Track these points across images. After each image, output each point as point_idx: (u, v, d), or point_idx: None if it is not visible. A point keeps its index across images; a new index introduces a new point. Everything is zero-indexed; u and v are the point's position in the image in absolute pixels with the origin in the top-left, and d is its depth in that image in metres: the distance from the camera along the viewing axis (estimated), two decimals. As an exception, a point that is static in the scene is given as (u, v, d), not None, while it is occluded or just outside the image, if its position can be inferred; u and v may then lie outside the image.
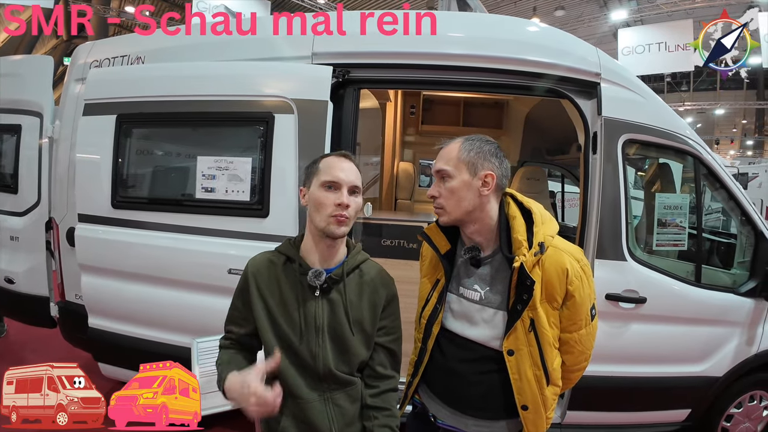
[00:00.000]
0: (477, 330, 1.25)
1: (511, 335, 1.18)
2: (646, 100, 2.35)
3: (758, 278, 2.41)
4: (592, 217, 2.27)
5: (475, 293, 1.26)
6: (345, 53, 2.33)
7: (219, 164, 2.24)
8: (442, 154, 1.26)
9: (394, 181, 4.93)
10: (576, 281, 1.19)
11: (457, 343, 1.27)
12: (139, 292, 2.37)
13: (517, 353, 1.19)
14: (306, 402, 1.18)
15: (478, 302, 1.25)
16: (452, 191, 1.22)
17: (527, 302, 1.16)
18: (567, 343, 1.25)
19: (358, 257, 1.27)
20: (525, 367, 1.19)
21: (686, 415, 2.46)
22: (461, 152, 1.23)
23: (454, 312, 1.29)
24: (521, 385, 1.19)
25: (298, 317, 1.18)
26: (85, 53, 2.78)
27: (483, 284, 1.25)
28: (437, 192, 1.25)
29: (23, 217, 2.89)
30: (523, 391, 1.20)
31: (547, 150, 4.72)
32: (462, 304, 1.28)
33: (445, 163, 1.23)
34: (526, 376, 1.19)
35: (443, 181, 1.24)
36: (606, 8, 15.19)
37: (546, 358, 1.20)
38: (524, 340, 1.18)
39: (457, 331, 1.27)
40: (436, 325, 1.29)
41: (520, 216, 1.23)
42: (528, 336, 1.18)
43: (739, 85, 20.85)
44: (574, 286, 1.18)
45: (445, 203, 1.23)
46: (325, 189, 1.17)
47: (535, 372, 1.20)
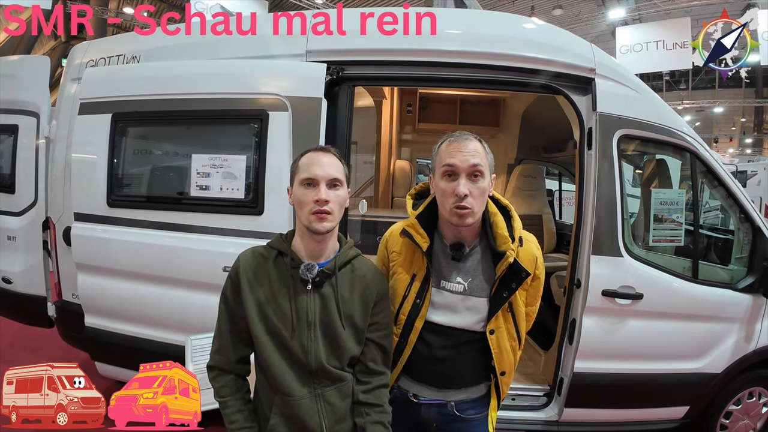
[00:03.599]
0: (460, 317, 1.31)
1: (493, 319, 1.29)
2: (641, 95, 2.35)
3: (756, 274, 2.40)
4: (587, 212, 2.27)
5: (458, 285, 1.30)
6: (339, 50, 2.32)
7: (214, 162, 2.24)
8: (469, 149, 1.21)
9: (390, 179, 4.93)
10: (541, 266, 1.35)
11: (439, 332, 1.32)
12: (134, 290, 2.37)
13: (497, 331, 1.31)
14: (296, 399, 1.17)
15: (462, 293, 1.30)
16: (483, 192, 1.22)
17: (515, 290, 1.28)
18: (528, 315, 1.40)
19: (350, 252, 1.27)
20: (504, 342, 1.32)
21: (684, 412, 2.46)
22: (487, 152, 1.24)
23: (435, 304, 1.32)
24: (501, 356, 1.33)
25: (290, 311, 1.17)
26: (81, 53, 2.79)
27: (465, 276, 1.30)
28: (468, 190, 1.19)
29: (20, 217, 2.89)
30: (503, 361, 1.33)
31: (544, 148, 4.72)
32: (444, 296, 1.31)
33: (480, 159, 1.20)
34: (506, 348, 1.33)
35: (474, 179, 1.20)
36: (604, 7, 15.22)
37: (520, 329, 1.35)
38: (503, 320, 1.31)
39: (439, 321, 1.32)
40: (419, 319, 1.31)
41: (499, 213, 1.30)
42: (506, 316, 1.31)
43: (737, 84, 20.84)
44: (539, 270, 1.34)
45: (475, 204, 1.20)
46: (304, 187, 1.17)
47: (512, 343, 1.34)
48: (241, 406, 1.23)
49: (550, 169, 5.09)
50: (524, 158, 4.72)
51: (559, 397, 2.39)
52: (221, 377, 1.24)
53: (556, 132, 4.02)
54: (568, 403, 2.34)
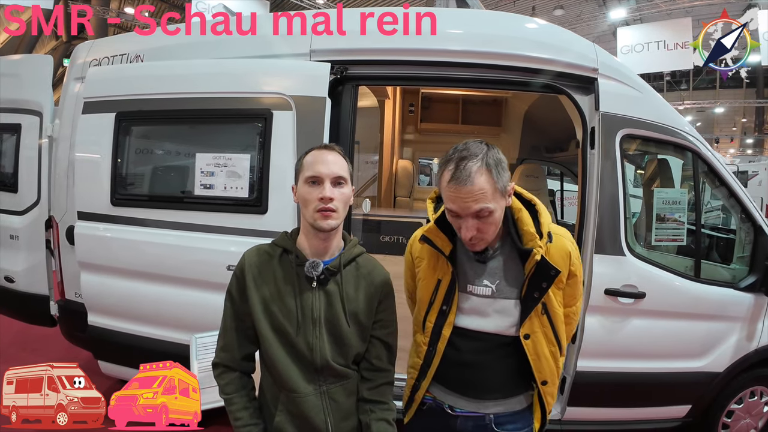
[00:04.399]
0: (490, 321, 1.24)
1: (527, 322, 1.21)
2: (644, 95, 2.35)
3: (758, 273, 2.41)
4: (590, 211, 2.27)
5: (486, 288, 1.24)
6: (343, 50, 2.33)
7: (218, 161, 2.24)
8: (472, 193, 1.10)
9: (393, 179, 4.93)
10: (576, 261, 1.25)
11: (469, 336, 1.26)
12: (138, 289, 2.37)
13: (533, 336, 1.22)
14: (301, 396, 1.17)
15: (490, 296, 1.23)
16: (495, 223, 1.16)
17: (546, 290, 1.19)
18: (568, 316, 1.30)
19: (354, 250, 1.27)
20: (542, 347, 1.23)
21: (687, 410, 2.46)
22: (496, 182, 1.13)
23: (463, 309, 1.26)
24: (540, 363, 1.23)
25: (295, 308, 1.18)
26: (84, 52, 2.79)
27: (493, 278, 1.24)
28: (476, 229, 1.14)
29: (23, 216, 2.89)
30: (542, 368, 1.24)
31: (546, 147, 4.72)
32: (471, 301, 1.25)
33: (486, 199, 1.11)
34: (544, 354, 1.23)
35: (483, 217, 1.13)
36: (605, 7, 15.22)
37: (559, 334, 1.25)
38: (538, 323, 1.22)
39: (469, 326, 1.25)
40: (446, 327, 1.26)
41: (524, 208, 1.22)
42: (541, 318, 1.22)
43: (738, 84, 20.84)
44: (575, 266, 1.25)
45: (486, 235, 1.16)
46: (309, 185, 1.17)
47: (551, 349, 1.24)
48: (246, 404, 1.23)
49: (551, 169, 5.09)
50: (526, 158, 4.72)
51: (561, 395, 2.39)
52: (226, 374, 1.25)
53: (558, 132, 4.03)
54: (570, 402, 2.34)
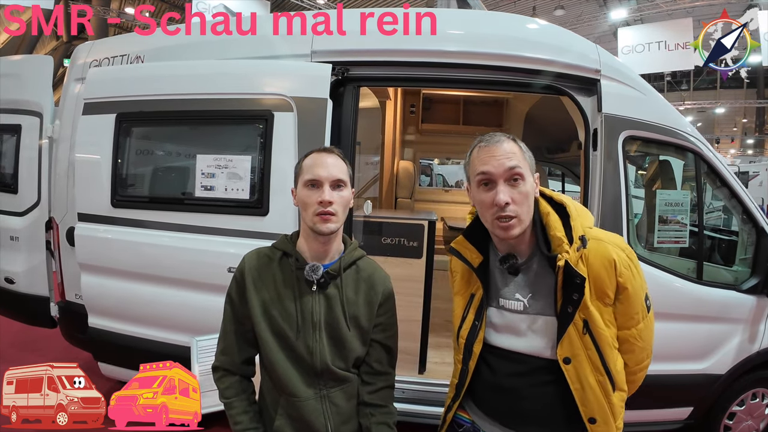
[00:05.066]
0: (525, 341, 1.12)
1: (564, 341, 1.06)
2: (646, 96, 2.35)
3: (760, 275, 2.40)
4: (592, 213, 2.26)
5: (518, 303, 1.13)
6: (344, 51, 2.33)
7: (218, 162, 2.24)
8: (503, 151, 1.06)
9: (394, 180, 4.93)
10: (626, 271, 1.07)
11: (504, 357, 1.14)
12: (138, 291, 2.37)
13: (574, 360, 1.06)
14: (301, 400, 1.17)
15: (523, 311, 1.12)
16: (527, 195, 1.06)
17: (578, 302, 1.05)
18: (626, 341, 1.13)
19: (354, 253, 1.26)
20: (586, 373, 1.06)
21: (688, 413, 2.45)
22: (523, 152, 1.08)
23: (496, 326, 1.16)
24: (584, 394, 1.06)
25: (295, 312, 1.17)
26: (84, 53, 2.79)
27: (525, 292, 1.12)
28: (510, 198, 1.04)
29: (23, 217, 2.89)
30: (588, 402, 1.07)
31: (548, 148, 4.71)
32: (504, 317, 1.14)
33: (518, 160, 1.06)
34: (589, 383, 1.06)
35: (515, 183, 1.06)
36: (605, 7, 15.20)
37: (607, 360, 1.07)
38: (580, 345, 1.06)
39: (503, 345, 1.14)
40: (477, 344, 1.16)
41: (553, 212, 1.11)
42: (583, 339, 1.06)
43: (739, 84, 20.84)
44: (624, 277, 1.07)
45: (520, 210, 1.05)
46: (308, 188, 1.16)
47: (598, 378, 1.07)
48: (246, 407, 1.23)
49: (552, 170, 5.09)
50: (527, 159, 4.70)
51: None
52: (226, 378, 1.24)
53: (560, 133, 4.02)
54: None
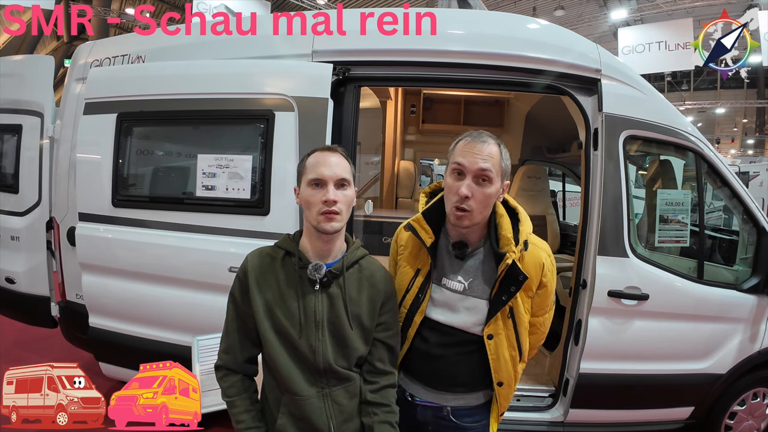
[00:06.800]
0: (458, 317, 1.30)
1: (492, 322, 1.26)
2: (647, 96, 2.35)
3: (761, 275, 2.40)
4: (593, 213, 2.26)
5: (458, 284, 1.30)
6: (345, 51, 2.33)
7: (219, 162, 2.23)
8: (483, 151, 1.19)
9: (395, 180, 4.93)
10: (549, 274, 1.30)
11: (436, 329, 1.31)
12: (139, 290, 2.37)
13: (496, 337, 1.27)
14: (304, 399, 1.17)
15: (462, 293, 1.29)
16: (487, 197, 1.20)
17: (513, 293, 1.24)
18: (534, 326, 1.37)
19: (357, 252, 1.27)
20: (503, 349, 1.28)
21: (689, 412, 2.46)
22: (502, 159, 1.21)
23: (435, 301, 1.31)
24: (499, 364, 1.29)
25: (298, 311, 1.17)
26: (85, 53, 2.79)
27: (467, 276, 1.29)
28: (470, 192, 1.18)
29: (24, 217, 2.88)
30: (500, 370, 1.29)
31: (548, 148, 4.72)
32: (444, 294, 1.31)
33: (492, 165, 1.18)
34: (504, 357, 1.28)
35: (482, 183, 1.19)
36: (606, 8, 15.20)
37: (521, 340, 1.31)
38: (503, 326, 1.28)
39: (438, 318, 1.31)
40: (418, 314, 1.31)
41: (506, 215, 1.28)
42: (506, 322, 1.28)
43: (739, 84, 20.87)
44: (547, 278, 1.30)
45: (476, 207, 1.19)
46: (312, 187, 1.16)
47: (512, 353, 1.29)
48: (248, 406, 1.23)
49: (552, 170, 5.09)
50: (528, 159, 4.71)
51: (564, 397, 2.39)
52: (229, 377, 1.24)
53: (560, 132, 4.02)
54: (573, 404, 2.34)
